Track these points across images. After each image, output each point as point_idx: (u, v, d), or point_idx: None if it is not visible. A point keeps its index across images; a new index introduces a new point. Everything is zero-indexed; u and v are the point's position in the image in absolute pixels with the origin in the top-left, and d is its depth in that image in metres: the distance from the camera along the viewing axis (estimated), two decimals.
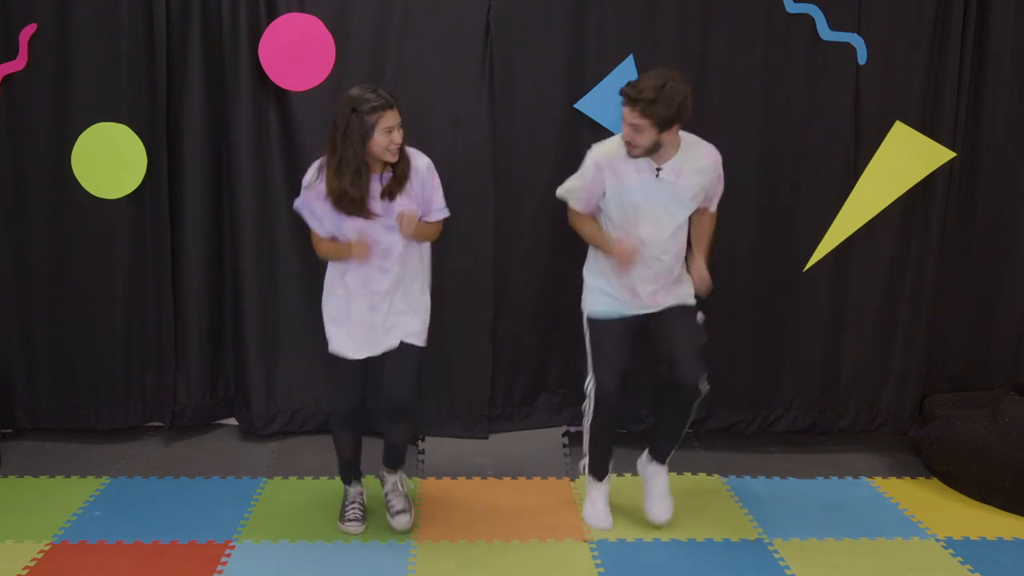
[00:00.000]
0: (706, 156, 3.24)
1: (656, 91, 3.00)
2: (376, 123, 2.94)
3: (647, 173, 3.18)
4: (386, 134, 2.97)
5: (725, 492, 3.72)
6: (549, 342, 4.13)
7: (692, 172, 3.20)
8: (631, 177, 3.19)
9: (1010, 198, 4.05)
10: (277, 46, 3.77)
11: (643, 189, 3.19)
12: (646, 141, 3.09)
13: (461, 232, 3.93)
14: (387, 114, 2.96)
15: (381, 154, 2.99)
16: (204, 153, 3.94)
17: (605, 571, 3.11)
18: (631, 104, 3.04)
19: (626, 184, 3.20)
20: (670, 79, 3.01)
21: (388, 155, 3.01)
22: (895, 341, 4.13)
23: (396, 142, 2.99)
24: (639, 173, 3.19)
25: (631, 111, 3.05)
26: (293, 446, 4.06)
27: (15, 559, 3.11)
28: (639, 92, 3.02)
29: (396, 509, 3.36)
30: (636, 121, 3.05)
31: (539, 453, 4.00)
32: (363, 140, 2.94)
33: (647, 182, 3.19)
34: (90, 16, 3.80)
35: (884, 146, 3.93)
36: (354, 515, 3.37)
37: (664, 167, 3.17)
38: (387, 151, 2.99)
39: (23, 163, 3.89)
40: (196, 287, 4.02)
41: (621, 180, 3.20)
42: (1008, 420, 3.54)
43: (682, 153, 3.19)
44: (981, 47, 3.93)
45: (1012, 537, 3.39)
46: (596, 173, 3.23)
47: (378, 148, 2.97)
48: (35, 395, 4.08)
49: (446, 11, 3.82)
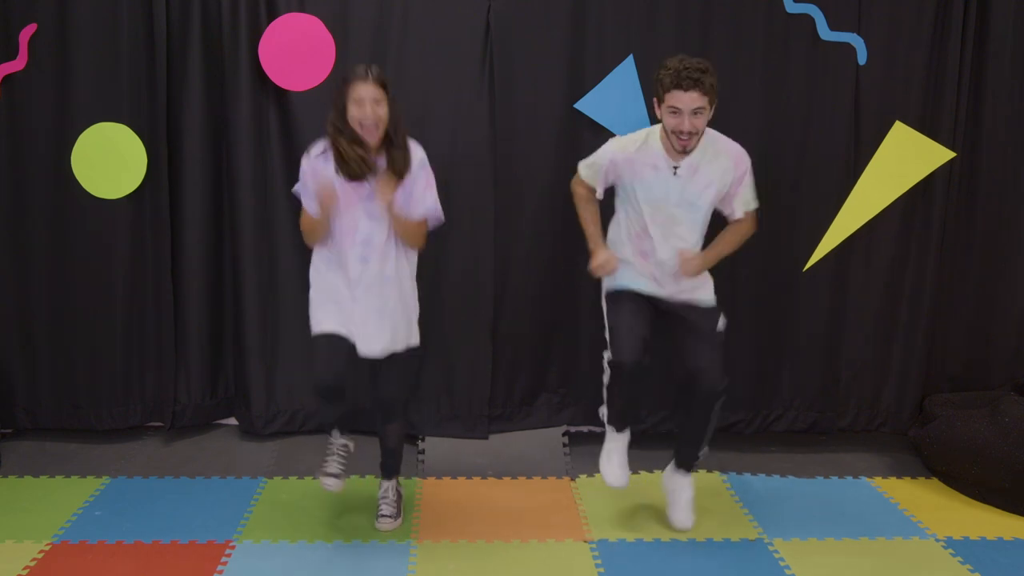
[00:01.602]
0: (728, 155, 3.17)
1: (705, 66, 2.97)
2: (348, 93, 2.96)
3: (664, 170, 3.14)
4: (356, 106, 2.94)
5: (725, 492, 3.72)
6: (549, 342, 4.13)
7: (710, 172, 3.14)
8: (647, 173, 3.16)
9: (1010, 198, 4.05)
10: (277, 46, 3.77)
11: (660, 186, 3.15)
12: (705, 123, 3.02)
13: (461, 232, 3.93)
14: (357, 84, 2.94)
15: (356, 129, 2.97)
16: (204, 153, 3.94)
17: (605, 571, 3.11)
18: (694, 85, 2.93)
19: (643, 180, 3.17)
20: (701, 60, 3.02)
21: (364, 132, 2.96)
22: (895, 341, 4.13)
23: (367, 115, 2.93)
24: (656, 170, 3.14)
25: (695, 95, 2.94)
26: (293, 446, 4.06)
27: (15, 559, 3.11)
28: (696, 70, 2.94)
29: (381, 512, 3.35)
30: (698, 104, 2.96)
31: (539, 453, 4.00)
32: (341, 112, 2.97)
33: (664, 179, 3.14)
34: (90, 16, 3.80)
35: (884, 146, 3.93)
36: (334, 468, 3.25)
37: (682, 164, 3.13)
38: (359, 123, 2.95)
39: (23, 163, 3.89)
40: (196, 287, 4.02)
41: (637, 175, 3.17)
42: (1008, 420, 3.54)
43: (702, 149, 3.13)
44: (981, 47, 3.93)
45: (1012, 537, 3.39)
46: (610, 165, 3.22)
47: (352, 121, 2.97)
48: (35, 395, 4.08)
49: (446, 11, 3.82)
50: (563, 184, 3.96)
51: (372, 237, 3.07)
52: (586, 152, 3.95)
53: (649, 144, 3.18)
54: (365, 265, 3.08)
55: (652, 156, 3.15)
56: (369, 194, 3.04)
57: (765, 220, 3.99)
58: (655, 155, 3.15)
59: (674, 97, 2.99)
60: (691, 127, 3.01)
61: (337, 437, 3.35)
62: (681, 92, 2.97)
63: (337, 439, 3.34)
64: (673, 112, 3.02)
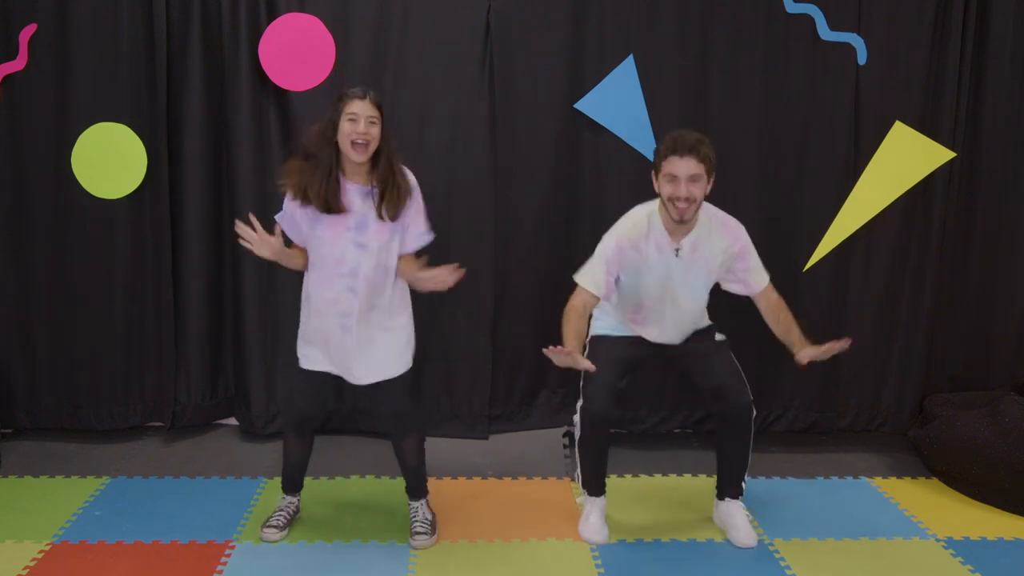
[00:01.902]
0: (725, 232, 3.15)
1: (700, 136, 2.98)
2: (342, 110, 2.90)
3: (667, 252, 3.12)
4: (350, 122, 2.88)
5: None
6: (549, 342, 4.10)
7: (709, 251, 3.14)
8: (652, 256, 3.13)
9: (1010, 198, 4.06)
10: (277, 46, 3.77)
11: (662, 268, 3.14)
12: (702, 194, 3.00)
13: (461, 232, 3.93)
14: (354, 102, 2.89)
15: (346, 147, 2.89)
16: (204, 153, 3.94)
17: (605, 571, 3.11)
18: (688, 153, 2.94)
19: (648, 263, 3.14)
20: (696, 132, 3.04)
21: (353, 150, 2.88)
22: (895, 341, 4.13)
23: (360, 132, 2.87)
24: (660, 253, 3.12)
25: (691, 161, 2.94)
26: None
27: (15, 559, 3.10)
28: (692, 138, 2.95)
29: (415, 531, 3.27)
30: (695, 171, 2.95)
31: (539, 453, 4.00)
32: (331, 127, 2.91)
33: (667, 261, 3.13)
34: (90, 16, 3.80)
35: (884, 146, 3.93)
36: (277, 521, 3.27)
37: (683, 244, 3.11)
38: (351, 142, 2.88)
39: (23, 163, 3.89)
40: (196, 287, 4.02)
41: (643, 259, 3.14)
42: (1008, 420, 3.54)
43: (699, 228, 3.12)
44: (981, 47, 3.93)
45: (1012, 537, 3.39)
46: (617, 254, 3.14)
47: (343, 137, 2.89)
48: (35, 395, 4.08)
49: (446, 11, 3.82)
50: (563, 184, 3.99)
51: (359, 268, 2.98)
52: (586, 152, 3.97)
53: (652, 225, 3.13)
54: (354, 295, 3.00)
55: (656, 237, 3.13)
56: (357, 224, 2.97)
57: (765, 220, 4.02)
58: (659, 236, 3.12)
59: (671, 164, 2.99)
60: (687, 193, 2.97)
61: (291, 495, 3.37)
62: (677, 158, 2.97)
63: (290, 497, 3.37)
64: (670, 180, 3.01)
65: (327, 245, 3.00)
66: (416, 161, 3.97)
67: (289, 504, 3.37)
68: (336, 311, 3.03)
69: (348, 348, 3.05)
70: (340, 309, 3.03)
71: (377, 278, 3.02)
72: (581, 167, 3.98)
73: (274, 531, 3.27)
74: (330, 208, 2.94)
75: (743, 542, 3.30)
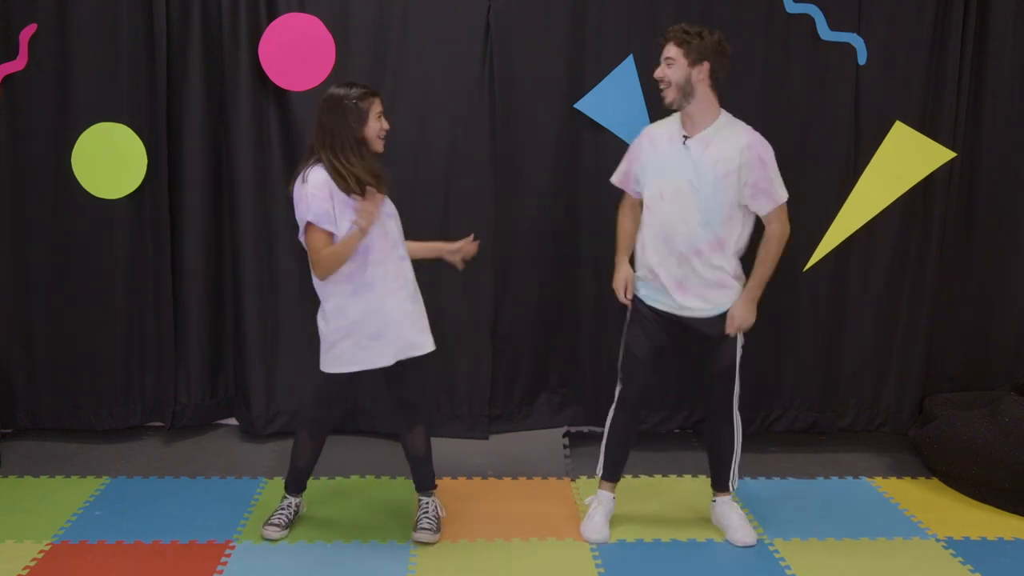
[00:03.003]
0: (740, 135, 3.16)
1: (690, 27, 3.10)
2: (369, 108, 3.02)
3: (676, 142, 3.18)
4: (378, 120, 3.04)
5: None
6: (549, 342, 4.13)
7: (721, 148, 3.13)
8: (663, 145, 3.20)
9: (1010, 198, 4.05)
10: (277, 46, 3.77)
11: (671, 157, 3.17)
12: (678, 76, 3.08)
13: (461, 232, 3.92)
14: (376, 100, 3.06)
15: (373, 141, 3.04)
16: (204, 153, 3.94)
17: (605, 571, 3.11)
18: (667, 39, 3.10)
19: (659, 150, 3.21)
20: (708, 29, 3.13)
21: (379, 143, 3.06)
22: (895, 341, 4.13)
23: (386, 127, 3.07)
24: (670, 142, 3.19)
25: (668, 45, 3.10)
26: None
27: (15, 559, 3.11)
28: (672, 28, 3.11)
29: (421, 526, 3.28)
30: (669, 54, 3.09)
31: (539, 453, 4.00)
32: (360, 124, 3.00)
33: (675, 150, 3.17)
34: (90, 16, 3.80)
35: (884, 146, 3.93)
36: (279, 520, 3.29)
37: (693, 137, 3.16)
38: (378, 138, 3.05)
39: (23, 163, 3.89)
40: (196, 287, 4.02)
41: (655, 147, 3.23)
42: (1008, 420, 3.54)
43: (715, 128, 3.15)
44: (981, 47, 3.93)
45: (1012, 537, 3.39)
46: (637, 140, 3.30)
47: (371, 133, 3.03)
48: (35, 395, 4.07)
49: (446, 11, 3.82)
50: (563, 184, 3.99)
51: (399, 237, 3.15)
52: (586, 152, 3.97)
53: (672, 120, 3.25)
54: (405, 262, 3.15)
55: (670, 129, 3.22)
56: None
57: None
58: (671, 128, 3.22)
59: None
60: (660, 74, 3.13)
61: (295, 496, 3.37)
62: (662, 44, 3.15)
63: (294, 498, 3.37)
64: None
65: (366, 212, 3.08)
66: (416, 161, 3.99)
67: (292, 504, 3.37)
68: (398, 284, 3.11)
69: (414, 317, 3.14)
70: (401, 281, 3.12)
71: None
72: (581, 167, 3.97)
73: (276, 530, 3.27)
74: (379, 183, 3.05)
75: (741, 541, 3.30)
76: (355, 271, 3.05)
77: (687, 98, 3.10)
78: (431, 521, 3.29)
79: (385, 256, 3.08)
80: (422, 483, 3.36)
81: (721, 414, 3.30)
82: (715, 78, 3.12)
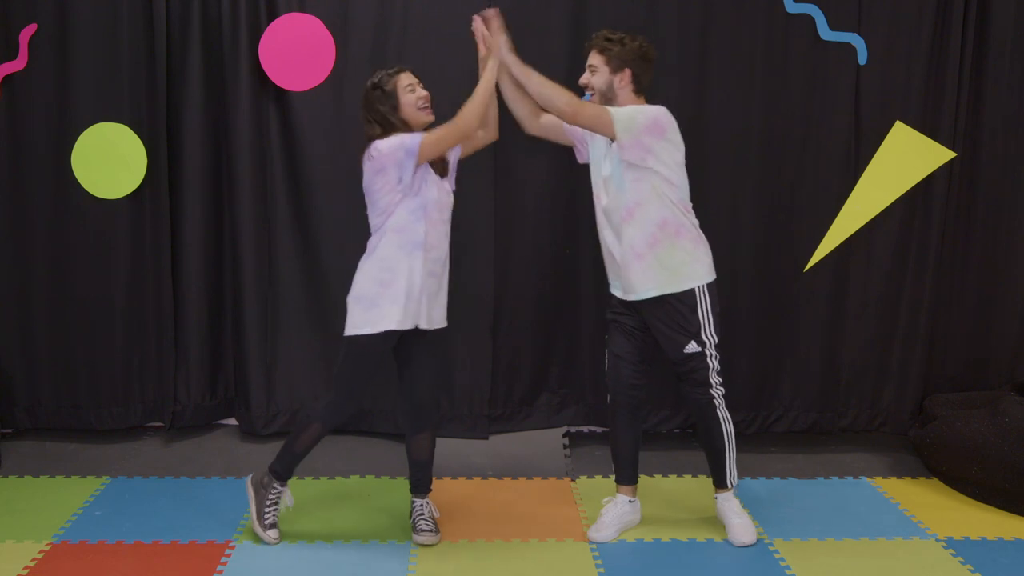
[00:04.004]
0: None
1: (617, 35, 3.17)
2: (395, 87, 3.08)
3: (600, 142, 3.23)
4: (410, 92, 3.09)
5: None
6: (549, 342, 4.13)
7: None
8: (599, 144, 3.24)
9: (1010, 198, 4.05)
10: (277, 46, 3.77)
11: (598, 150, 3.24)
12: (600, 82, 3.17)
13: (461, 232, 3.92)
14: (401, 75, 3.10)
15: (414, 115, 3.09)
16: (204, 153, 3.94)
17: (605, 571, 3.11)
18: (589, 44, 3.19)
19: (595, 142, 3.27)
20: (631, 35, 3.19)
21: (422, 114, 3.10)
22: (895, 341, 4.13)
23: (422, 96, 3.11)
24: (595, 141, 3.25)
25: (591, 52, 3.18)
26: None
27: (15, 559, 3.11)
28: (601, 35, 3.19)
29: (420, 528, 3.27)
30: (592, 61, 3.19)
31: (539, 453, 4.00)
32: (394, 108, 3.06)
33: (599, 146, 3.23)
34: (90, 16, 3.80)
35: (884, 146, 3.93)
36: (271, 520, 3.24)
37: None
38: (417, 109, 3.09)
39: (23, 163, 3.89)
40: (196, 287, 4.02)
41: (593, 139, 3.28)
42: (1008, 420, 3.54)
43: None
44: (981, 47, 3.93)
45: (1012, 537, 3.39)
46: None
47: (409, 108, 3.08)
48: (35, 395, 4.07)
49: (446, 11, 3.83)
50: (563, 184, 3.98)
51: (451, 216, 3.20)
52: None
53: None
54: (446, 242, 3.19)
55: None
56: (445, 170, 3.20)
57: (765, 220, 4.02)
58: None
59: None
60: (585, 80, 3.21)
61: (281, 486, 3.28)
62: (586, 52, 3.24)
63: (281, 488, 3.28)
64: None
65: (435, 190, 3.14)
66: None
67: (279, 493, 3.27)
68: (433, 256, 3.12)
69: (431, 292, 3.14)
70: (436, 255, 3.14)
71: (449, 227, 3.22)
72: (581, 167, 3.96)
73: (276, 531, 3.25)
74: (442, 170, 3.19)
75: (738, 540, 3.30)
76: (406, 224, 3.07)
77: (611, 103, 3.16)
78: (429, 523, 3.29)
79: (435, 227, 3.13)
80: (419, 486, 3.35)
81: (699, 407, 3.26)
82: (638, 83, 3.19)
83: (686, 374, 3.24)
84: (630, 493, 3.41)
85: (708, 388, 3.23)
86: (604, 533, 3.32)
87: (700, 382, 3.23)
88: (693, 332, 3.17)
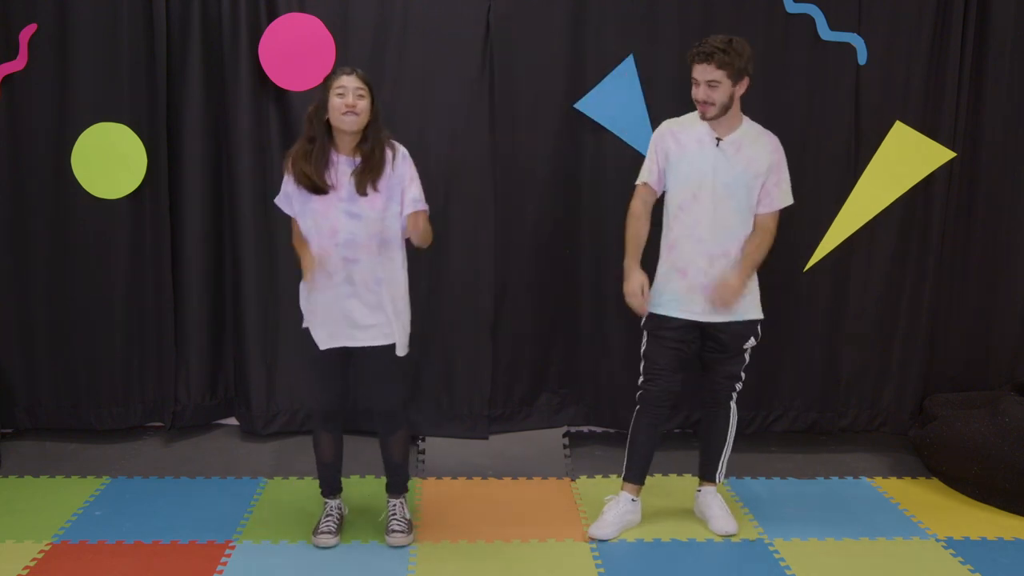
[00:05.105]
0: (767, 138, 3.23)
1: (725, 43, 3.07)
2: (330, 87, 2.98)
3: (708, 144, 3.18)
4: (338, 96, 2.95)
5: (726, 492, 3.71)
6: (549, 342, 4.13)
7: (752, 149, 3.18)
8: (692, 147, 3.20)
9: (1010, 198, 4.05)
10: (277, 46, 3.77)
11: (703, 158, 3.18)
12: (722, 97, 3.10)
13: (461, 232, 3.93)
14: (342, 78, 2.98)
15: (337, 120, 2.96)
16: (204, 153, 3.94)
17: (605, 571, 3.11)
18: (705, 59, 3.06)
19: (687, 153, 3.20)
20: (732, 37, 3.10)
21: (344, 121, 2.95)
22: (895, 341, 4.13)
23: (348, 104, 2.94)
24: (700, 144, 3.19)
25: (706, 67, 3.07)
26: (293, 446, 4.05)
27: (15, 559, 3.11)
28: (711, 46, 3.06)
29: (392, 528, 3.28)
30: (712, 76, 3.07)
31: (539, 453, 4.00)
32: (322, 106, 2.98)
33: (707, 151, 3.17)
34: (90, 16, 3.80)
35: (884, 146, 3.93)
36: (328, 527, 3.27)
37: (725, 138, 3.18)
38: (341, 115, 2.95)
39: (23, 163, 3.89)
40: (196, 287, 4.02)
41: (682, 148, 3.21)
42: (1008, 420, 3.54)
43: (743, 130, 3.20)
44: (981, 47, 3.93)
45: (1012, 537, 3.39)
46: (659, 140, 3.26)
47: (333, 112, 2.97)
48: (35, 395, 4.07)
49: (446, 11, 3.82)
50: (563, 184, 3.98)
51: (355, 237, 3.02)
52: (586, 152, 3.97)
53: (695, 121, 3.24)
54: (354, 265, 3.03)
55: (697, 131, 3.21)
56: (348, 195, 3.01)
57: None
58: (700, 130, 3.21)
59: (693, 69, 3.13)
60: (705, 97, 3.10)
61: (334, 498, 3.35)
62: (696, 65, 3.11)
63: (334, 500, 3.34)
64: (694, 83, 3.13)
65: (320, 217, 3.04)
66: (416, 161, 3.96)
67: (333, 509, 3.33)
68: (331, 282, 3.06)
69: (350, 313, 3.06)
70: (338, 279, 3.06)
71: (375, 248, 3.05)
72: (581, 167, 3.98)
73: (328, 536, 3.25)
74: (316, 187, 3.00)
75: (722, 529, 3.33)
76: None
77: (727, 111, 3.14)
78: (401, 523, 3.29)
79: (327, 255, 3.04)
80: (394, 486, 3.35)
81: (722, 408, 3.38)
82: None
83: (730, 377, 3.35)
84: (634, 492, 3.41)
85: (736, 381, 3.34)
86: (605, 531, 3.32)
87: (732, 375, 3.34)
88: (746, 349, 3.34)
